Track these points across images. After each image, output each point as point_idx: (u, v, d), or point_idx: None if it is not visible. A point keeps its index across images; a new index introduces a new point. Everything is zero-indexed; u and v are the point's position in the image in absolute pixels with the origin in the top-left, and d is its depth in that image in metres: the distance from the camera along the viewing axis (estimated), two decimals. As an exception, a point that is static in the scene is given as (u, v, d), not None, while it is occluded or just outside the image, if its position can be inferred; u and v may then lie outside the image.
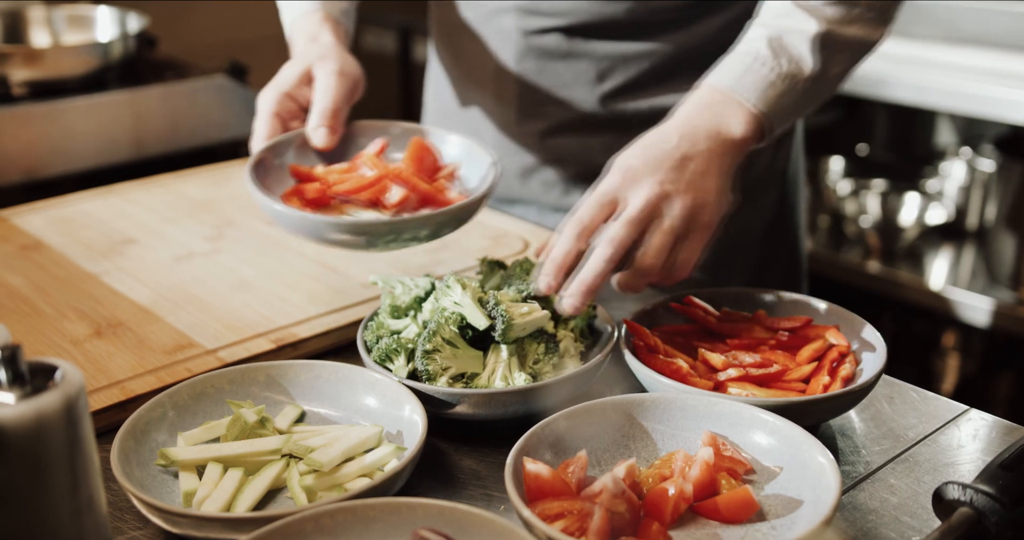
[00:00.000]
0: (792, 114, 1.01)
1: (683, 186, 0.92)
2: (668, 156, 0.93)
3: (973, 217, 2.24)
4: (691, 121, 0.96)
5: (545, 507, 0.71)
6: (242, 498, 0.77)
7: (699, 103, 0.98)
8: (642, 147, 0.94)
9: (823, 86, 1.02)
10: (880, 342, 0.90)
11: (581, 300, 0.89)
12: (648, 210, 0.90)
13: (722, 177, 0.95)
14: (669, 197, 0.91)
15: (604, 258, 0.89)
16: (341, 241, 0.94)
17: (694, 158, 0.93)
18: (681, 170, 0.92)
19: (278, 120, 1.06)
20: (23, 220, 1.31)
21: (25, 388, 0.59)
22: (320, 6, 1.16)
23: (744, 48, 1.00)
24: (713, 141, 0.95)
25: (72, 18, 1.92)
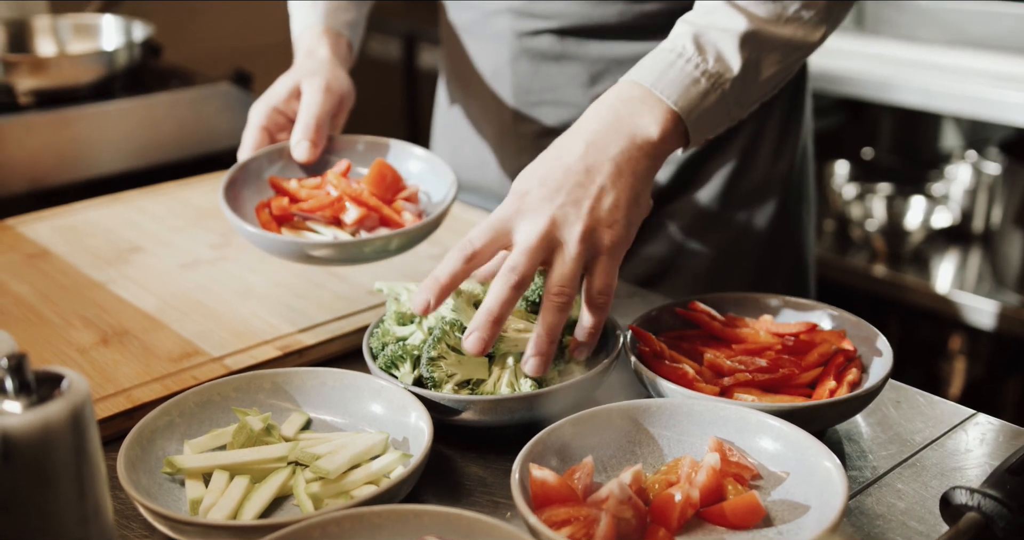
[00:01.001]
0: (719, 117, 0.95)
1: (585, 208, 0.85)
2: (570, 173, 0.87)
3: (979, 220, 2.24)
4: (600, 122, 0.90)
5: (551, 514, 0.71)
6: (248, 506, 0.77)
7: (614, 100, 0.91)
8: (543, 163, 0.88)
9: (753, 88, 0.96)
10: (886, 346, 0.90)
11: (488, 332, 0.83)
12: (543, 238, 0.84)
13: (636, 184, 0.89)
14: (566, 223, 0.85)
15: (508, 285, 0.82)
16: (293, 259, 0.98)
17: (600, 169, 0.87)
18: (584, 187, 0.86)
19: (265, 133, 1.09)
20: (29, 229, 1.31)
21: (32, 397, 0.59)
22: (323, 19, 1.18)
23: (668, 45, 0.94)
24: (625, 144, 0.89)
25: (77, 27, 1.93)
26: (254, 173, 1.06)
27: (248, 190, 1.04)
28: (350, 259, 0.99)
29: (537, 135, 1.31)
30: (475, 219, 1.32)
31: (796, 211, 1.37)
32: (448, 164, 1.08)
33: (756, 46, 0.94)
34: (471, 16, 1.31)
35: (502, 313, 0.83)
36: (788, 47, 0.96)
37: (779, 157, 1.33)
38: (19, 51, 1.89)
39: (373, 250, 0.98)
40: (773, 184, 1.33)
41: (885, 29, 2.18)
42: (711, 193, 1.30)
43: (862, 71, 2.09)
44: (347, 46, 1.19)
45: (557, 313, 0.84)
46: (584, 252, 0.85)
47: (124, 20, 1.90)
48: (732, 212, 1.32)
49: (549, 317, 0.84)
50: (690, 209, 1.31)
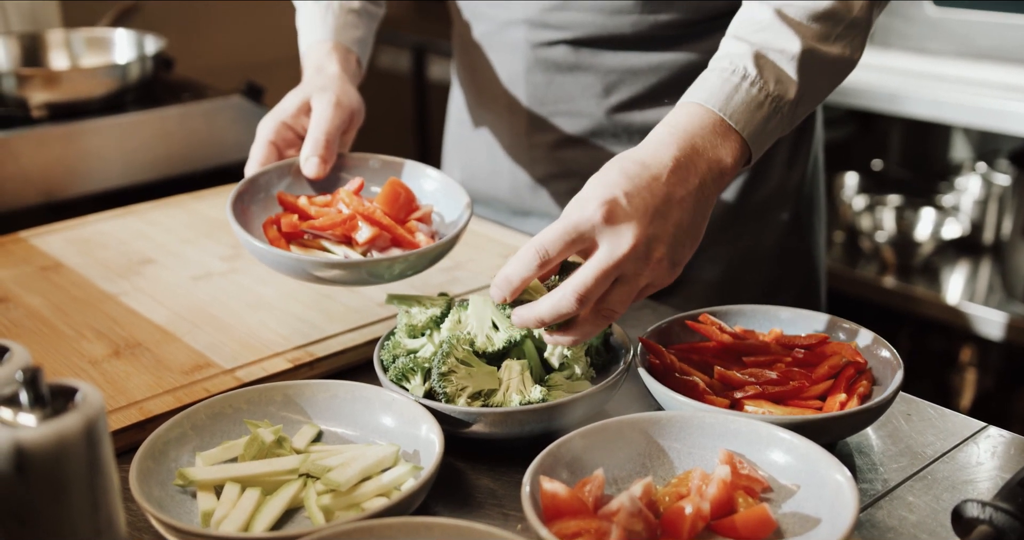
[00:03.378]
0: (774, 137, 0.95)
1: (664, 242, 0.86)
2: (655, 196, 0.86)
3: (989, 231, 2.23)
4: (683, 151, 0.88)
5: (562, 526, 0.71)
6: (260, 518, 0.77)
7: (693, 128, 0.90)
8: (628, 178, 0.86)
9: (804, 109, 0.96)
10: (897, 359, 0.90)
11: (528, 325, 0.86)
12: (622, 265, 0.84)
13: (702, 221, 0.90)
14: (647, 256, 0.85)
15: (568, 306, 0.83)
16: (301, 277, 0.96)
17: (682, 203, 0.87)
18: (666, 218, 0.86)
19: (273, 148, 1.08)
20: (42, 241, 1.32)
21: (46, 410, 0.59)
22: (333, 35, 1.18)
23: (727, 64, 0.93)
24: (704, 177, 0.89)
25: (90, 41, 1.94)
26: (262, 188, 1.05)
27: (256, 206, 1.03)
28: (361, 281, 0.96)
29: (551, 146, 1.32)
30: (487, 232, 1.33)
31: (808, 222, 1.37)
32: (461, 180, 1.08)
33: (810, 67, 0.93)
34: (485, 27, 1.31)
35: (547, 321, 0.85)
36: (836, 66, 0.96)
37: (791, 168, 1.33)
38: (32, 65, 1.90)
39: (385, 271, 0.95)
40: (785, 195, 1.33)
41: (895, 41, 2.18)
42: (723, 205, 1.30)
43: (872, 83, 2.09)
44: (356, 62, 1.20)
45: (597, 328, 0.86)
46: (644, 286, 0.87)
47: (136, 34, 1.91)
48: (744, 223, 1.32)
49: (588, 328, 0.86)
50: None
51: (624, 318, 1.12)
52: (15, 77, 1.65)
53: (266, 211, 1.04)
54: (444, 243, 0.98)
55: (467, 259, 1.24)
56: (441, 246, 0.97)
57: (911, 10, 2.13)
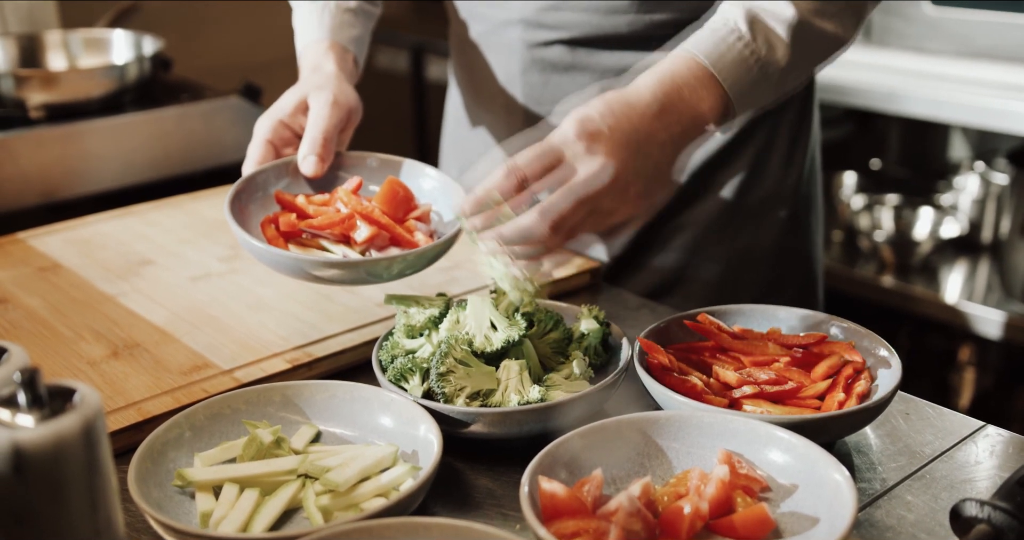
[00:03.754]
0: (756, 102, 0.96)
1: (641, 179, 0.87)
2: (638, 133, 0.87)
3: (987, 231, 2.23)
4: (669, 96, 0.90)
5: (561, 526, 0.71)
6: (258, 518, 0.77)
7: (682, 75, 0.92)
8: (611, 111, 0.87)
9: (791, 79, 0.97)
10: (895, 358, 0.90)
11: (494, 249, 0.86)
12: (595, 193, 0.85)
13: (678, 163, 0.90)
14: (619, 184, 0.86)
15: (538, 231, 0.84)
16: (300, 277, 0.96)
17: (663, 146, 0.88)
18: (647, 157, 0.87)
19: (270, 146, 1.08)
20: (40, 242, 1.32)
21: (44, 411, 0.59)
22: (329, 34, 1.18)
23: (722, 22, 0.94)
24: (687, 125, 0.90)
25: (88, 41, 1.94)
26: (260, 187, 1.05)
27: (254, 204, 1.03)
28: (359, 280, 0.96)
29: None
30: (483, 231, 1.33)
31: (805, 221, 1.37)
32: (454, 175, 1.08)
33: (802, 37, 0.95)
34: (482, 27, 1.31)
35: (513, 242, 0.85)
36: (826, 41, 0.98)
37: (789, 168, 1.33)
38: (30, 66, 1.90)
39: (383, 271, 0.95)
40: (783, 195, 1.34)
41: (893, 40, 2.18)
42: (721, 204, 1.30)
43: (870, 82, 2.10)
44: (353, 61, 1.20)
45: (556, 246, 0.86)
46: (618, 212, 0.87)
47: (134, 34, 1.91)
48: (742, 223, 1.32)
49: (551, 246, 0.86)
50: (700, 220, 1.31)
51: (623, 318, 1.12)
52: (13, 78, 1.65)
53: (264, 210, 1.04)
54: (442, 243, 0.97)
55: (465, 259, 1.24)
56: (439, 246, 0.97)
57: (909, 9, 2.13)
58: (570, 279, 1.20)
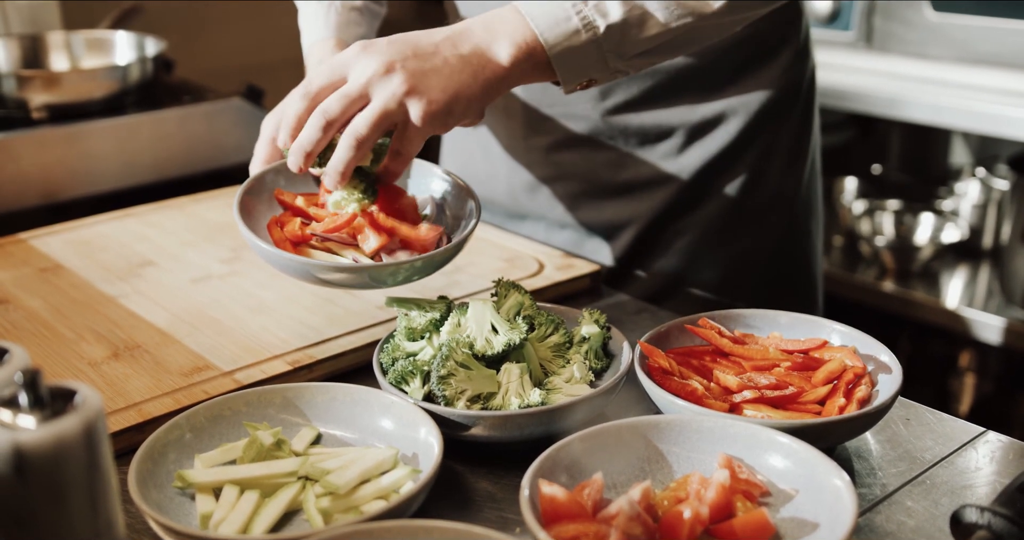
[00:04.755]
0: (592, 62, 0.96)
1: (412, 70, 0.89)
2: (418, 46, 0.91)
3: (988, 236, 2.23)
4: (466, 26, 0.94)
5: (561, 530, 0.71)
6: (258, 520, 0.77)
7: (485, 16, 0.95)
8: (401, 34, 0.92)
9: (635, 43, 0.96)
10: (895, 363, 0.90)
11: (299, 160, 0.92)
12: (364, 85, 0.89)
13: (472, 85, 0.91)
14: (390, 77, 0.89)
15: (313, 125, 0.90)
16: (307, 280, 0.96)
17: (445, 59, 0.91)
18: (421, 58, 0.90)
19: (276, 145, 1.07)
20: (42, 243, 1.32)
21: (45, 412, 0.59)
22: (335, 33, 1.18)
23: None
24: (478, 51, 0.92)
25: (90, 42, 1.94)
26: (268, 187, 1.04)
27: (262, 204, 1.03)
28: (365, 285, 0.95)
29: (547, 148, 1.32)
30: (487, 236, 1.33)
31: (806, 226, 1.37)
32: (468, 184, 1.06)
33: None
34: None
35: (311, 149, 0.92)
36: (679, 10, 0.96)
37: (790, 172, 1.33)
38: (33, 66, 1.90)
39: (389, 277, 0.94)
40: (783, 200, 1.34)
41: (893, 46, 2.18)
42: (722, 209, 1.31)
43: (871, 87, 2.10)
44: None
45: (348, 151, 0.90)
46: (395, 111, 0.90)
47: (137, 36, 1.91)
48: (742, 227, 1.32)
49: (341, 153, 0.91)
50: (700, 225, 1.31)
51: (623, 322, 1.12)
52: (15, 78, 1.66)
53: (271, 210, 1.03)
54: (450, 248, 0.96)
55: (467, 263, 1.24)
56: (447, 251, 0.96)
57: (910, 15, 2.13)
58: (571, 282, 1.20)
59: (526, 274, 1.20)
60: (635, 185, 1.31)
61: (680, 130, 1.28)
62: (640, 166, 1.30)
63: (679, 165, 1.29)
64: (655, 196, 1.30)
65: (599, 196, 1.33)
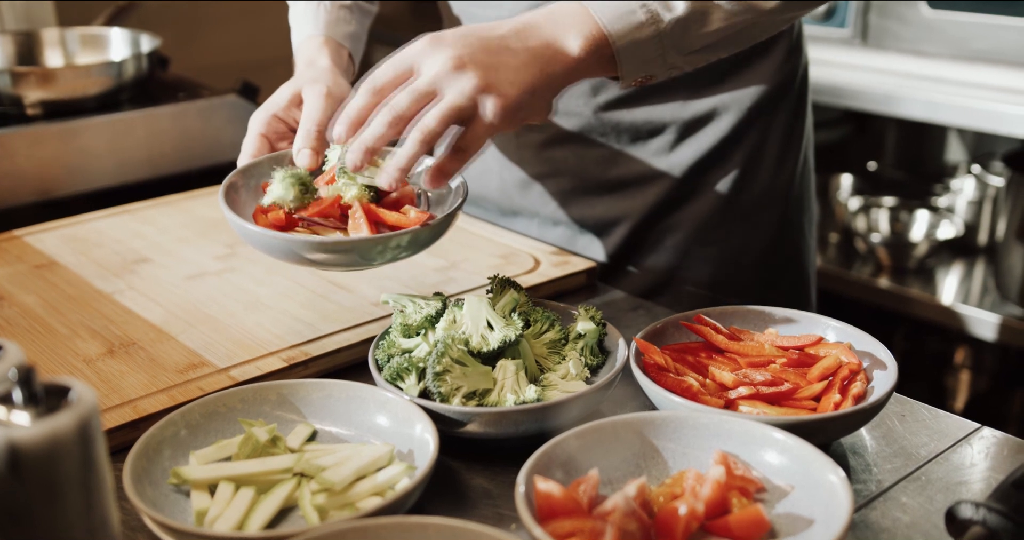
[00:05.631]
0: (653, 56, 0.96)
1: (484, 65, 0.87)
2: (486, 40, 0.89)
3: (983, 233, 2.24)
4: (532, 21, 0.92)
5: (556, 526, 0.71)
6: (254, 517, 0.77)
7: (551, 8, 0.94)
8: (467, 27, 0.90)
9: (694, 37, 0.97)
10: (891, 360, 0.90)
11: (359, 157, 0.88)
12: (434, 81, 0.87)
13: (540, 79, 0.90)
14: (462, 72, 0.87)
15: (382, 121, 0.87)
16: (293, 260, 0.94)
17: (515, 52, 0.89)
18: (491, 53, 0.88)
19: (265, 140, 1.08)
20: (37, 239, 1.32)
21: (39, 408, 0.59)
22: (324, 30, 1.18)
23: None
24: (546, 44, 0.91)
25: (85, 39, 1.94)
26: (254, 179, 1.04)
27: (248, 196, 1.02)
28: (353, 263, 0.94)
29: (540, 145, 1.32)
30: (477, 230, 1.33)
31: (798, 222, 1.38)
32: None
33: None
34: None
35: (374, 145, 0.88)
36: (739, 6, 0.97)
37: (781, 168, 1.33)
38: (27, 63, 1.90)
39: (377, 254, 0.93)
40: (775, 196, 1.34)
41: (889, 43, 2.18)
42: (713, 204, 1.31)
43: (867, 84, 2.10)
44: (348, 57, 1.20)
45: (417, 146, 0.88)
46: (467, 107, 0.88)
47: (131, 32, 1.91)
48: (734, 223, 1.32)
49: (408, 149, 0.88)
50: (692, 220, 1.31)
51: (618, 318, 1.12)
52: (10, 75, 1.65)
53: (257, 202, 1.02)
54: (438, 222, 0.95)
55: (462, 259, 1.24)
56: (435, 226, 0.95)
57: (906, 12, 2.13)
58: (566, 279, 1.20)
59: (522, 270, 1.20)
60: (627, 181, 1.31)
61: (672, 126, 1.28)
62: (632, 162, 1.30)
63: (671, 161, 1.29)
64: (647, 192, 1.30)
65: (591, 193, 1.33)
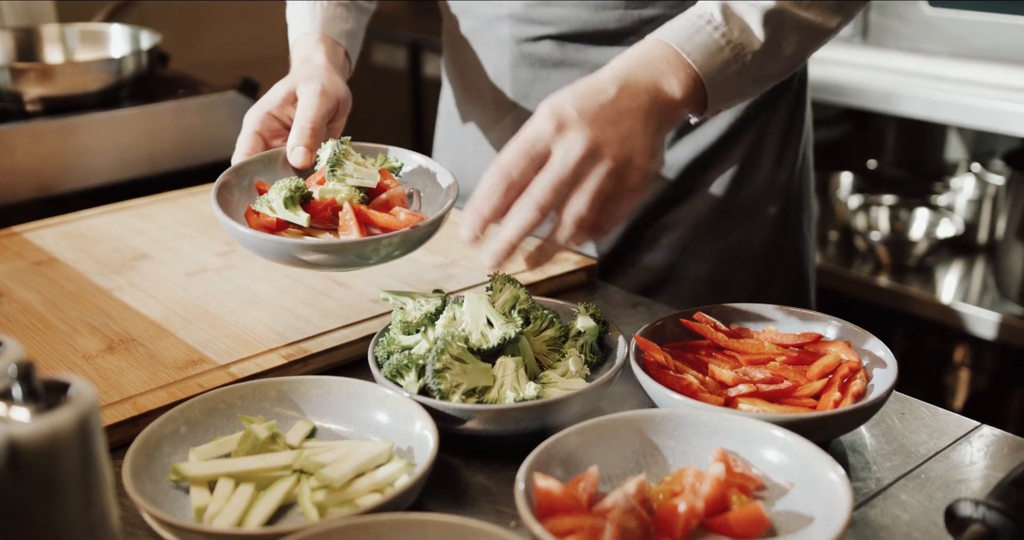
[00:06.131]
0: (737, 89, 0.97)
1: (616, 144, 0.87)
2: (605, 110, 0.88)
3: (983, 232, 2.24)
4: (631, 74, 0.92)
5: (556, 523, 0.71)
6: (253, 514, 0.77)
7: (642, 56, 0.94)
8: (577, 95, 0.89)
9: (772, 65, 0.98)
10: (891, 358, 0.90)
11: (503, 258, 0.85)
12: (576, 169, 0.85)
13: (657, 137, 0.91)
14: (600, 156, 0.86)
15: (528, 221, 0.84)
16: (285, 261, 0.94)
17: (632, 113, 0.89)
18: (616, 125, 0.88)
19: (259, 138, 1.08)
20: (36, 236, 1.31)
21: (39, 404, 0.59)
22: (320, 27, 1.18)
23: (695, 11, 0.96)
24: (652, 98, 0.91)
25: (85, 35, 1.94)
26: (247, 177, 1.04)
27: (241, 195, 1.03)
28: (348, 263, 0.95)
29: None
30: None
31: (796, 220, 1.37)
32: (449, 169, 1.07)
33: (779, 23, 0.96)
34: (472, 23, 1.31)
35: (518, 242, 0.85)
36: (807, 30, 0.99)
37: (780, 166, 1.33)
38: (27, 59, 1.90)
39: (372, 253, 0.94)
40: (774, 193, 1.34)
41: (890, 40, 2.18)
42: (712, 202, 1.31)
43: (867, 82, 2.10)
44: (344, 55, 1.20)
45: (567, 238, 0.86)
46: (610, 188, 0.87)
47: (131, 29, 1.91)
48: (732, 221, 1.32)
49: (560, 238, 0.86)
50: (691, 218, 1.31)
51: (618, 316, 1.12)
52: (9, 71, 1.65)
53: (250, 200, 1.03)
54: (431, 222, 0.96)
55: (461, 256, 1.24)
56: (428, 226, 0.96)
57: (906, 10, 2.13)
58: (565, 277, 1.20)
59: (521, 268, 1.20)
60: None
61: None
62: None
63: (670, 158, 1.29)
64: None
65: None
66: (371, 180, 1.00)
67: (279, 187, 0.97)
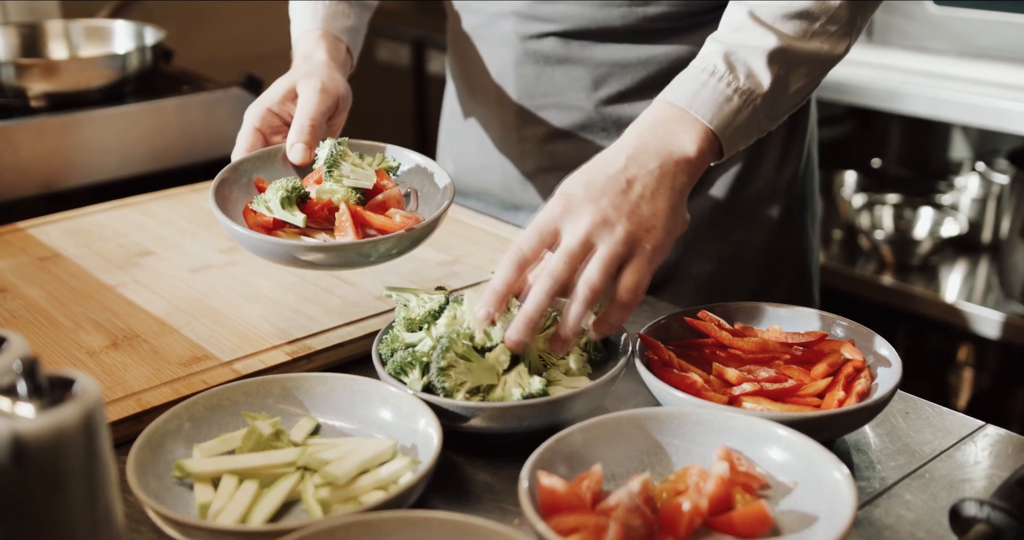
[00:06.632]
0: (751, 130, 0.98)
1: (625, 212, 0.88)
2: (613, 181, 0.90)
3: (987, 231, 2.23)
4: (641, 140, 0.93)
5: (560, 521, 0.71)
6: (257, 510, 0.77)
7: (651, 121, 0.95)
8: (586, 172, 0.91)
9: (782, 102, 0.99)
10: (895, 357, 0.90)
11: (525, 333, 0.87)
12: (585, 241, 0.87)
13: (673, 197, 0.91)
14: (608, 224, 0.87)
15: (544, 291, 0.86)
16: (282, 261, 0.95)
17: (641, 180, 0.90)
18: (625, 194, 0.89)
19: (259, 134, 1.08)
20: (40, 232, 1.32)
21: (44, 401, 0.59)
22: (322, 23, 1.18)
23: (699, 63, 0.97)
24: (664, 160, 0.92)
25: (89, 31, 1.94)
26: (245, 174, 1.04)
27: (240, 192, 1.03)
28: (347, 262, 0.95)
29: (541, 139, 1.32)
30: (479, 225, 1.33)
31: (800, 218, 1.37)
32: (453, 173, 1.07)
33: (785, 62, 0.96)
34: (476, 20, 1.31)
35: (537, 318, 0.87)
36: (815, 61, 0.99)
37: (783, 164, 1.33)
38: (31, 55, 1.90)
39: (371, 250, 0.94)
40: (777, 191, 1.33)
41: (894, 39, 2.18)
42: (715, 200, 1.30)
43: (871, 81, 2.09)
44: (346, 51, 1.20)
45: (584, 305, 0.87)
46: (623, 253, 0.88)
47: (136, 25, 1.91)
48: (736, 219, 1.32)
49: (576, 308, 0.87)
50: (694, 216, 1.30)
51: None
52: (14, 67, 1.65)
53: (248, 197, 1.03)
54: (426, 225, 0.96)
55: (465, 253, 1.24)
56: (423, 228, 0.96)
57: (911, 8, 2.13)
58: (570, 274, 1.19)
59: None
60: None
61: None
62: None
63: None
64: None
65: None
66: (367, 181, 1.00)
67: (276, 187, 0.97)
